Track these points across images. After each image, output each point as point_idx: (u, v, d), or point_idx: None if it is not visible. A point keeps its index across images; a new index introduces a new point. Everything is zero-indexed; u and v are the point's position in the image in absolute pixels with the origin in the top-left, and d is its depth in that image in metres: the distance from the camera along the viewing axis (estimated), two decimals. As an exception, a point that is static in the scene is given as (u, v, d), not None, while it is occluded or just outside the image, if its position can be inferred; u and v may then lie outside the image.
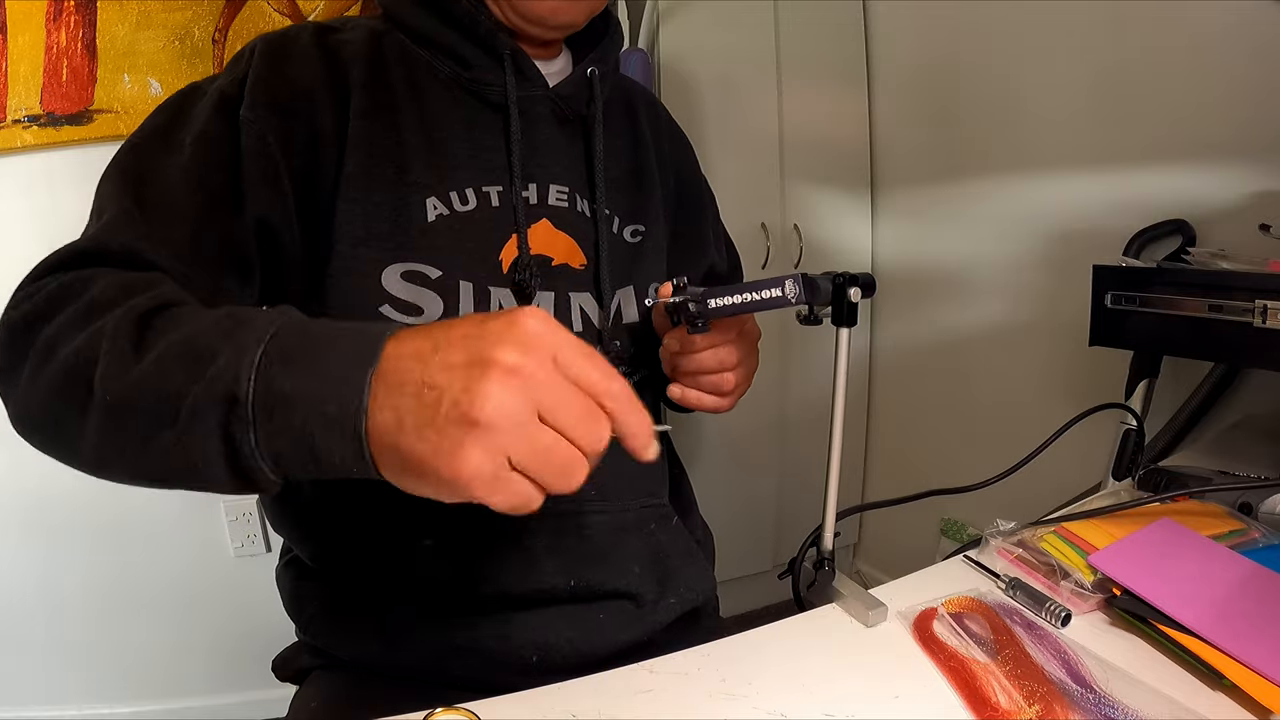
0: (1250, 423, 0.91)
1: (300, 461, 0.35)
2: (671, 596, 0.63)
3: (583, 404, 0.34)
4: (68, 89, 1.19)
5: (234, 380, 0.34)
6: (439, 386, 0.32)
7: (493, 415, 0.31)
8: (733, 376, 0.58)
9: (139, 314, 0.39)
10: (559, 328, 0.35)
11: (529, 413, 0.32)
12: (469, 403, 0.31)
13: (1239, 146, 1.00)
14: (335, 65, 0.56)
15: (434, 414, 0.32)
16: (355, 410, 0.33)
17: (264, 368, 0.34)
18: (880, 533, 1.83)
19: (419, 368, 0.33)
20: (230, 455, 0.35)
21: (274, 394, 0.34)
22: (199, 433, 0.35)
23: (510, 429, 0.32)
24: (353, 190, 0.53)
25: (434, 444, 0.32)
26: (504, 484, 0.33)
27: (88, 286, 0.41)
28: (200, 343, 0.36)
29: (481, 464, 0.32)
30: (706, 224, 0.79)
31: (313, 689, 0.62)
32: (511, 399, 0.32)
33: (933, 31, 1.51)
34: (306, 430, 0.34)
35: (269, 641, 0.68)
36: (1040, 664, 0.47)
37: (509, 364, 0.32)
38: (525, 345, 0.33)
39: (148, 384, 0.36)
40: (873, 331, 1.75)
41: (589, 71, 0.62)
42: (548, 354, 0.33)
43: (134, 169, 0.49)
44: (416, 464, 0.33)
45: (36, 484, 1.30)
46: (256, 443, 0.34)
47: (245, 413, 0.34)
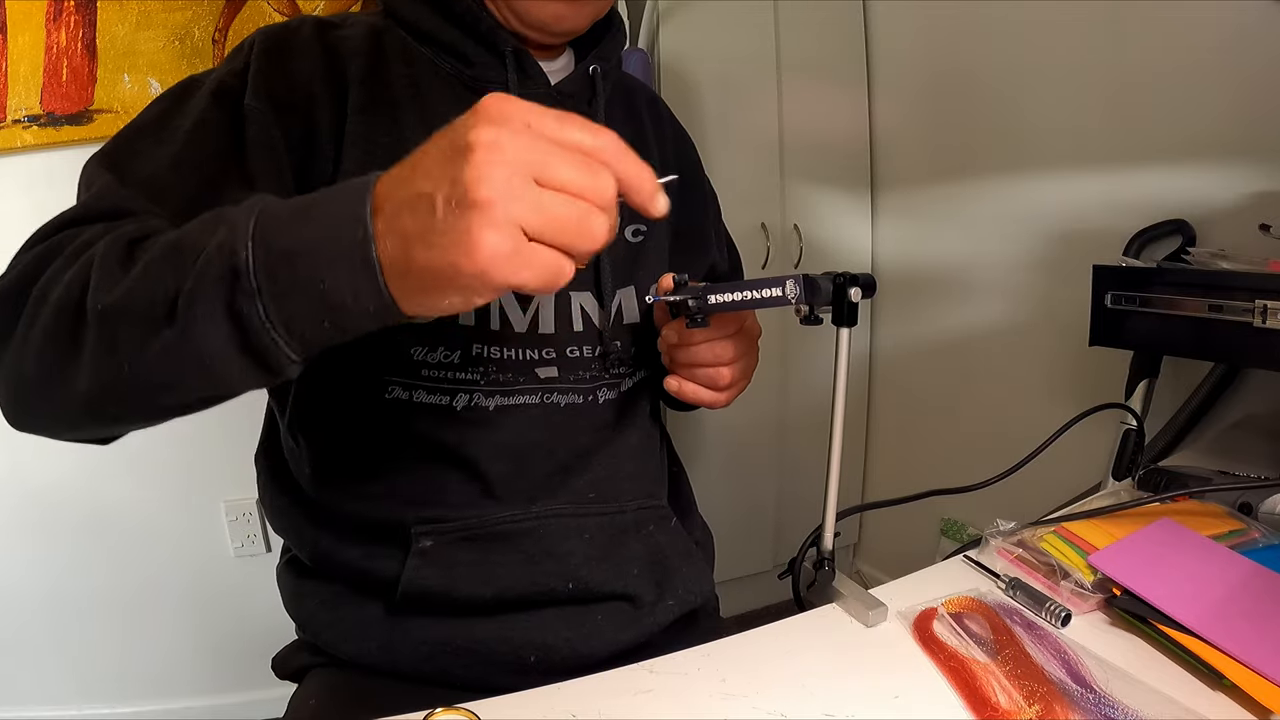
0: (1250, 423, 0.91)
1: (314, 317, 0.33)
2: (670, 598, 0.63)
3: (575, 159, 0.32)
4: (68, 89, 1.19)
5: (230, 253, 0.33)
6: (427, 191, 0.31)
7: (488, 190, 0.30)
8: (728, 372, 0.58)
9: (127, 240, 0.38)
10: (525, 102, 0.33)
11: (523, 177, 0.31)
12: (461, 189, 0.30)
13: (1239, 146, 1.00)
14: (334, 61, 0.55)
15: (432, 217, 0.31)
16: (361, 238, 0.32)
17: (259, 234, 0.33)
18: (880, 533, 1.83)
19: (403, 187, 0.32)
20: (240, 336, 0.34)
21: (274, 255, 0.33)
22: (202, 319, 0.33)
23: (511, 197, 0.30)
24: None
25: (443, 243, 0.31)
26: (527, 257, 0.31)
27: (75, 238, 0.40)
28: (187, 240, 0.36)
29: (497, 242, 0.30)
30: (708, 223, 0.79)
31: (312, 687, 0.62)
32: (500, 169, 0.30)
33: (933, 31, 1.51)
34: (315, 277, 0.32)
35: (269, 641, 0.68)
36: (1040, 664, 0.47)
37: (486, 140, 0.31)
38: (496, 120, 0.31)
39: (139, 288, 0.35)
40: (873, 331, 1.75)
41: (591, 69, 0.62)
42: (522, 123, 0.32)
43: (124, 156, 0.48)
44: (434, 273, 0.32)
45: (37, 484, 1.30)
46: (265, 311, 0.33)
47: (248, 283, 0.33)
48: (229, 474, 1.35)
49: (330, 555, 0.60)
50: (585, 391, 0.61)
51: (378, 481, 0.58)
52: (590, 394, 0.61)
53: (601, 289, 0.61)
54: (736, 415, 1.10)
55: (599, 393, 0.62)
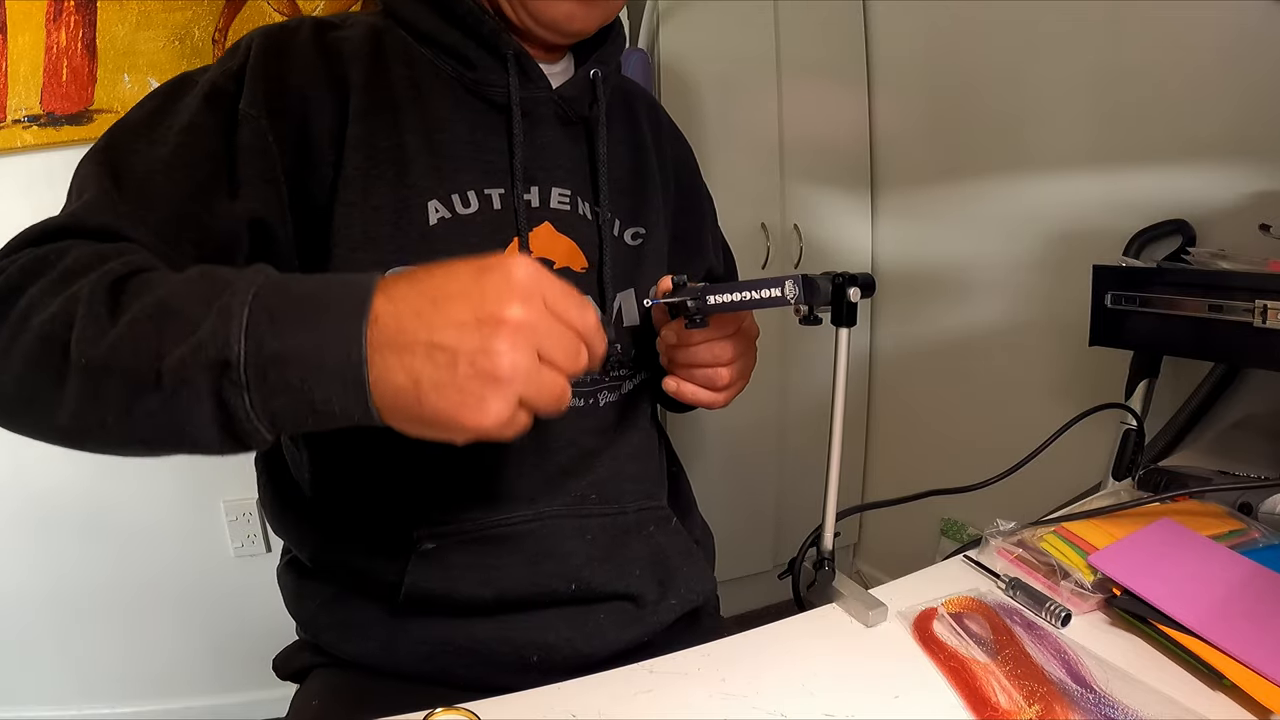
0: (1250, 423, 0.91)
1: (298, 418, 0.35)
2: (672, 597, 0.63)
3: (570, 339, 0.38)
4: (68, 89, 1.19)
5: (224, 345, 0.34)
6: (451, 348, 0.34)
7: (511, 369, 0.35)
8: (726, 372, 0.58)
9: (113, 279, 0.38)
10: (543, 272, 0.38)
11: (534, 358, 0.36)
12: (490, 361, 0.34)
13: (1239, 146, 1.00)
14: (334, 64, 0.55)
15: (452, 373, 0.34)
16: (356, 361, 0.34)
17: (252, 330, 0.34)
18: (880, 533, 1.83)
19: (423, 328, 0.35)
20: (224, 419, 0.35)
21: (266, 355, 0.34)
22: (188, 399, 0.34)
23: (523, 377, 0.35)
24: (351, 194, 0.53)
25: (457, 401, 0.35)
26: (514, 422, 0.37)
27: (62, 257, 0.40)
28: (176, 305, 0.36)
29: (501, 412, 0.35)
30: (705, 228, 0.79)
31: (313, 687, 0.62)
32: (524, 352, 0.35)
33: (933, 31, 1.51)
34: (305, 387, 0.34)
35: (269, 641, 0.68)
36: (1040, 664, 0.47)
37: (516, 321, 0.35)
38: (524, 297, 0.36)
39: (124, 347, 0.35)
40: (873, 331, 1.75)
41: (591, 74, 0.62)
42: (541, 300, 0.37)
43: (116, 155, 0.48)
44: (436, 418, 0.35)
45: (37, 484, 1.30)
46: (251, 405, 0.34)
47: (238, 376, 0.34)
48: (229, 474, 1.35)
49: (331, 557, 0.60)
50: (586, 395, 0.61)
51: (378, 485, 0.58)
52: (591, 397, 0.61)
53: (602, 292, 0.61)
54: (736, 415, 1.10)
55: (600, 395, 0.62)
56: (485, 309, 0.35)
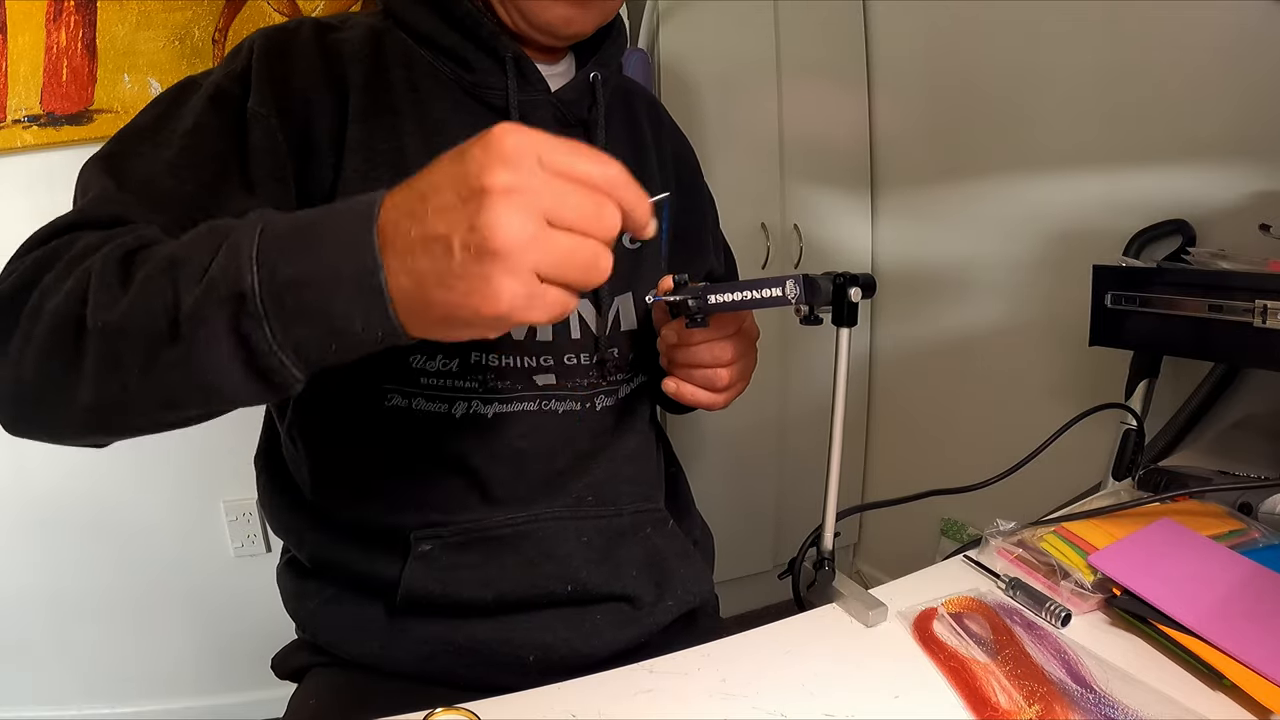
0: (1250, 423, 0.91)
1: (321, 341, 0.34)
2: (669, 599, 0.63)
3: (584, 196, 0.34)
4: (68, 89, 1.19)
5: (236, 278, 0.33)
6: (442, 234, 0.32)
7: (506, 239, 0.31)
8: (726, 373, 0.57)
9: (124, 251, 0.38)
10: (534, 132, 0.34)
11: (539, 223, 0.32)
12: (480, 237, 0.31)
13: (1239, 146, 1.00)
14: (334, 65, 0.55)
15: (449, 260, 0.32)
16: (371, 268, 0.33)
17: (264, 258, 0.33)
18: (880, 533, 1.83)
19: (415, 224, 0.33)
20: (246, 356, 0.34)
21: (280, 280, 0.33)
22: (207, 340, 0.34)
23: (528, 245, 0.32)
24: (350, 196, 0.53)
25: (462, 289, 0.32)
26: (539, 300, 0.33)
27: (71, 246, 0.40)
28: (184, 254, 0.36)
29: (515, 290, 0.32)
30: (706, 229, 0.79)
31: (312, 687, 0.62)
32: (518, 217, 0.31)
33: (933, 31, 1.51)
34: (324, 304, 0.33)
35: (269, 641, 0.68)
36: (1040, 664, 0.47)
37: (502, 185, 0.31)
38: (509, 161, 0.32)
39: (138, 305, 0.35)
40: (873, 331, 1.75)
41: (591, 76, 0.62)
42: (534, 161, 0.33)
43: (121, 159, 0.48)
44: (450, 313, 0.33)
45: (38, 485, 1.30)
46: (273, 334, 0.33)
47: (255, 307, 0.33)
48: (229, 474, 1.35)
49: (330, 558, 0.60)
50: (583, 399, 0.61)
51: (377, 487, 0.58)
52: (588, 401, 0.61)
53: (599, 296, 0.61)
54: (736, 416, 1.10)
55: (597, 399, 0.62)
56: (468, 184, 0.32)
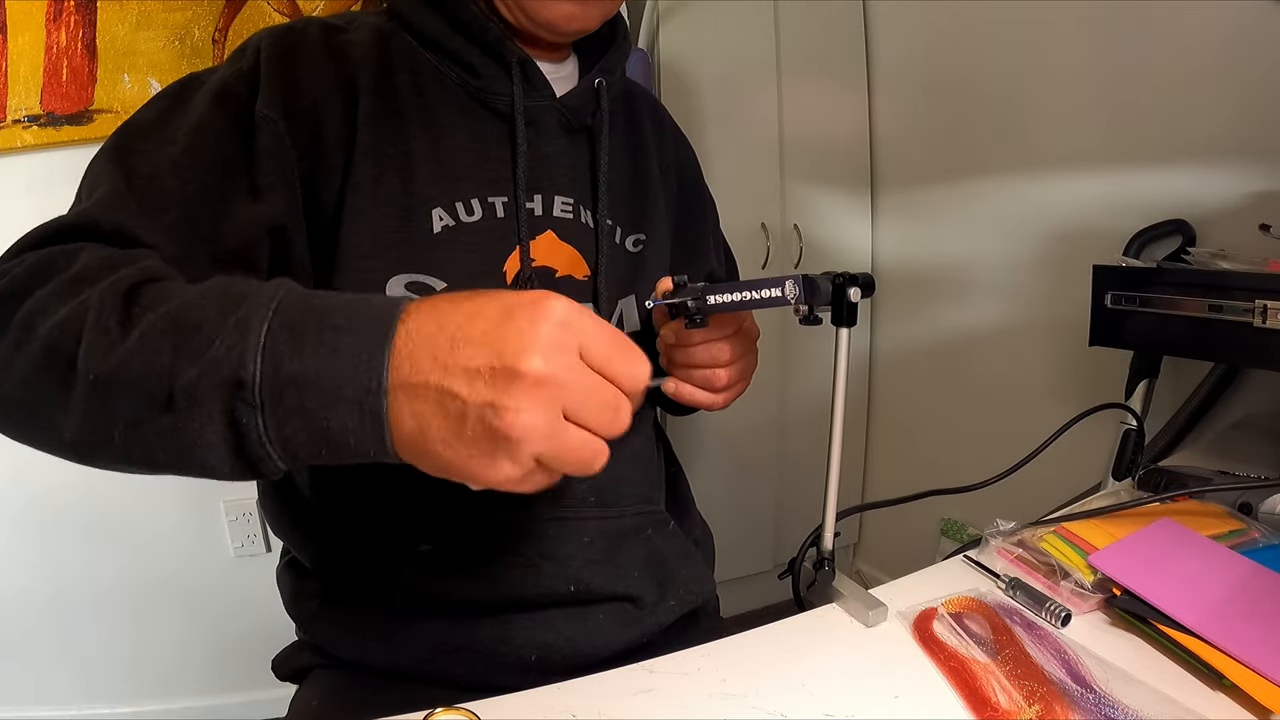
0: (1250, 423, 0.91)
1: (312, 446, 0.33)
2: (671, 599, 0.63)
3: (607, 399, 0.34)
4: (68, 89, 1.19)
5: (239, 363, 0.32)
6: (462, 397, 0.31)
7: (522, 431, 0.31)
8: (725, 374, 0.57)
9: (126, 287, 0.36)
10: (583, 314, 0.34)
11: (557, 418, 0.32)
12: (497, 420, 0.31)
13: (1239, 146, 1.00)
14: (344, 68, 0.54)
15: (460, 426, 0.32)
16: (375, 391, 0.32)
17: (270, 348, 0.33)
18: (880, 533, 1.83)
19: (436, 371, 0.32)
20: (236, 441, 0.33)
21: (283, 377, 0.32)
22: (199, 418, 0.33)
23: (539, 440, 0.32)
24: (359, 200, 0.52)
25: (464, 455, 0.32)
26: (530, 480, 0.34)
27: (72, 260, 0.38)
28: (191, 318, 0.34)
29: (512, 472, 0.33)
30: (707, 231, 0.79)
31: (312, 688, 0.62)
32: (540, 413, 0.31)
33: (933, 31, 1.51)
34: (320, 414, 0.32)
35: (269, 641, 0.68)
36: (1040, 664, 0.47)
37: (536, 375, 0.31)
38: (550, 349, 0.32)
39: (135, 362, 0.34)
40: (873, 331, 1.75)
41: (596, 83, 0.61)
42: (574, 350, 0.33)
43: (125, 155, 0.47)
44: (443, 466, 0.33)
45: (38, 484, 1.30)
46: (265, 428, 0.33)
47: (252, 397, 0.32)
48: (229, 474, 1.35)
49: (331, 558, 0.60)
50: None
51: (378, 490, 0.58)
52: None
53: (598, 301, 0.61)
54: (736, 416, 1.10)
55: None
56: (503, 359, 0.31)
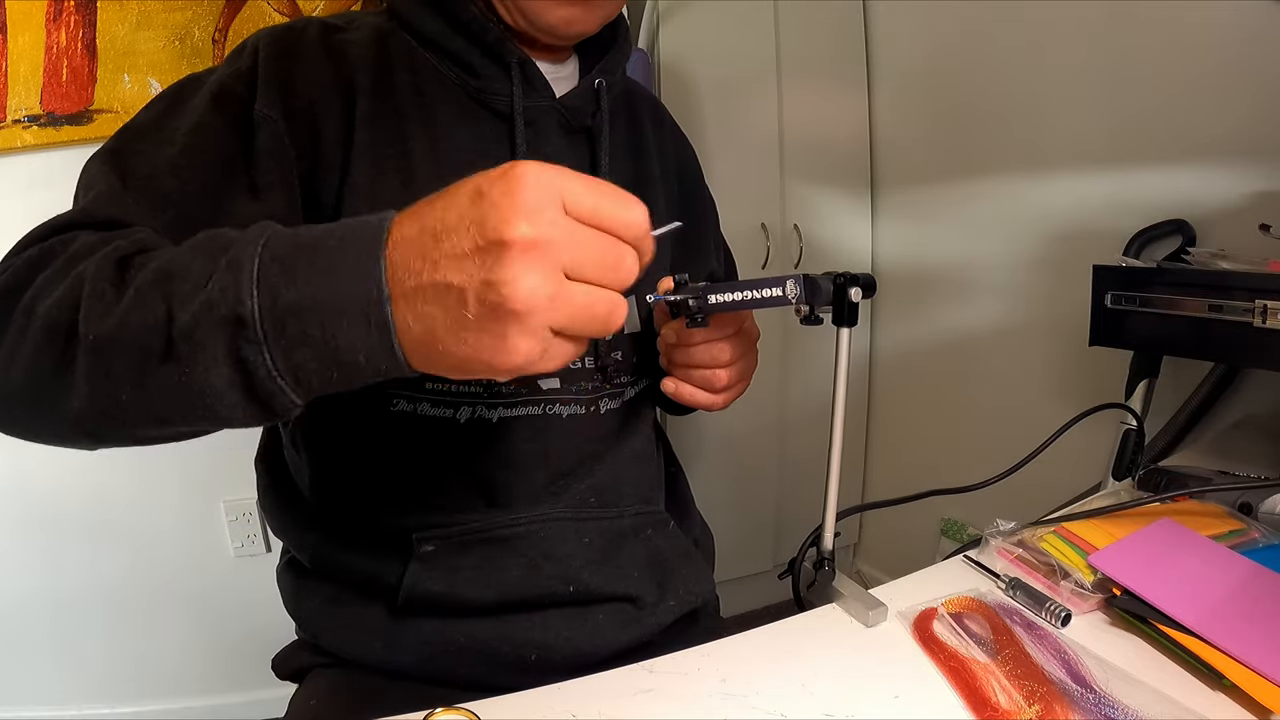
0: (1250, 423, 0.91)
1: (323, 372, 0.33)
2: (671, 599, 0.63)
3: (605, 247, 0.33)
4: (68, 89, 1.19)
5: (235, 300, 0.32)
6: (457, 285, 0.31)
7: (526, 300, 0.30)
8: (725, 374, 0.57)
9: (119, 256, 0.36)
10: (558, 172, 0.32)
11: (558, 279, 0.31)
12: (498, 295, 0.30)
13: (1239, 146, 1.00)
14: (342, 68, 0.54)
15: (462, 314, 0.31)
16: (376, 299, 0.32)
17: (264, 281, 0.32)
18: (880, 533, 1.83)
19: (427, 267, 0.31)
20: (245, 381, 0.33)
21: (282, 305, 0.32)
22: (204, 362, 0.32)
23: (546, 305, 0.31)
24: (357, 201, 0.52)
25: (474, 343, 0.31)
26: (552, 353, 0.33)
27: (67, 246, 0.39)
28: (180, 265, 0.34)
29: (530, 348, 0.31)
30: (708, 231, 0.79)
31: (312, 687, 0.62)
32: (537, 275, 0.30)
33: (933, 31, 1.51)
34: (326, 334, 0.32)
35: (269, 641, 0.68)
36: (1040, 664, 0.47)
37: (523, 239, 0.30)
38: (531, 209, 0.30)
39: (131, 318, 0.33)
40: (873, 331, 1.75)
41: (596, 83, 0.61)
42: (557, 207, 0.31)
43: (123, 156, 0.47)
44: (460, 363, 0.32)
45: (38, 484, 1.30)
46: (273, 360, 0.32)
47: (255, 333, 0.32)
48: (229, 474, 1.35)
49: (331, 558, 0.60)
50: (587, 402, 0.61)
51: (379, 490, 0.58)
52: (592, 404, 0.61)
53: None
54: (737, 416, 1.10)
55: (600, 403, 0.62)
56: (485, 234, 0.30)
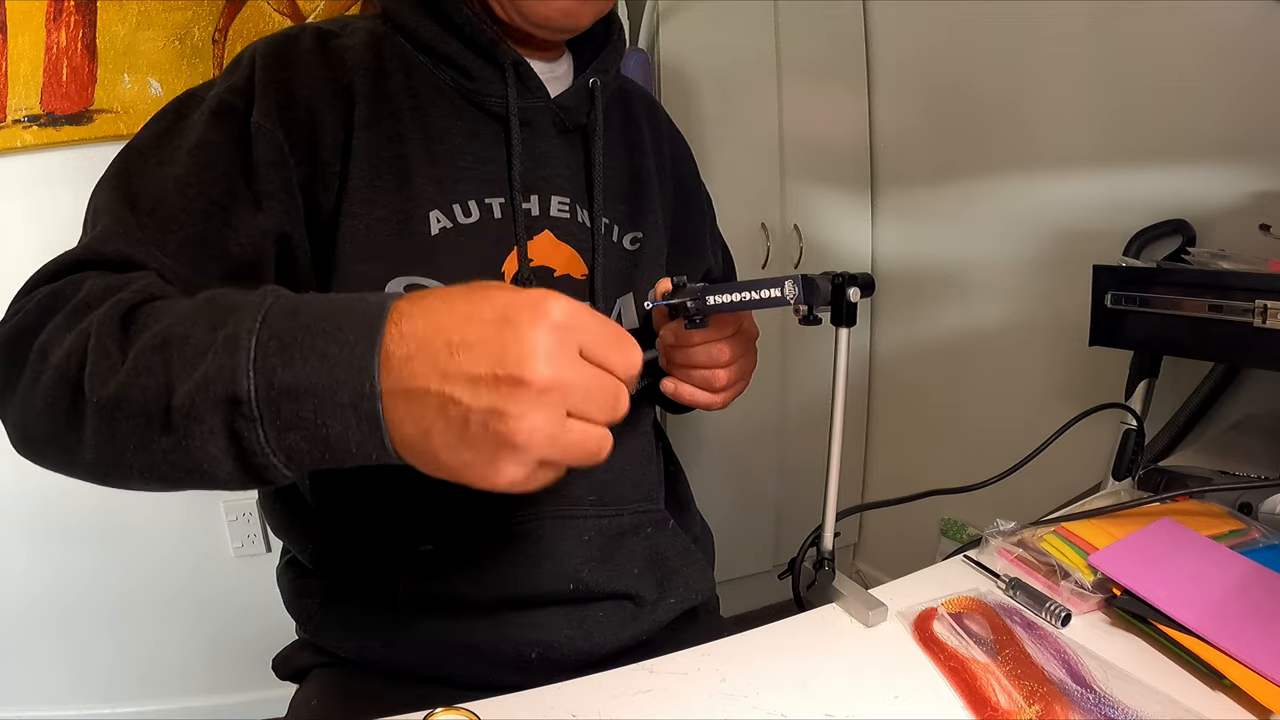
0: (1250, 423, 0.91)
1: (314, 453, 0.33)
2: (671, 597, 0.63)
3: (607, 388, 0.34)
4: (68, 89, 1.19)
5: (232, 379, 0.33)
6: (464, 404, 0.31)
7: (528, 436, 0.31)
8: (724, 374, 0.57)
9: (123, 310, 0.37)
10: (580, 314, 0.34)
11: (561, 420, 0.32)
12: (503, 426, 0.31)
13: (1239, 146, 1.00)
14: (339, 74, 0.54)
15: (463, 431, 0.32)
16: (368, 394, 0.32)
17: (261, 361, 0.33)
18: (880, 533, 1.83)
19: (436, 377, 0.32)
20: (239, 454, 0.34)
21: (277, 389, 0.33)
22: (201, 435, 0.33)
23: (545, 441, 0.32)
24: (356, 204, 0.53)
25: (466, 459, 0.32)
26: (535, 478, 0.34)
27: (76, 290, 0.40)
28: (180, 333, 0.35)
29: (516, 475, 0.32)
30: (704, 228, 0.79)
31: (312, 687, 0.62)
32: (544, 417, 0.31)
33: (933, 31, 1.51)
34: (318, 420, 0.33)
35: (269, 641, 0.68)
36: (1040, 664, 0.47)
37: (542, 382, 0.31)
38: (553, 353, 0.32)
39: (132, 384, 0.34)
40: (873, 331, 1.75)
41: (591, 83, 0.61)
42: (575, 351, 0.33)
43: (128, 179, 0.48)
44: (446, 470, 0.33)
45: (38, 486, 1.30)
46: (266, 439, 0.33)
47: (250, 410, 0.33)
48: (229, 474, 1.35)
49: (331, 558, 0.60)
50: None
51: (379, 489, 0.58)
52: None
53: (596, 299, 0.61)
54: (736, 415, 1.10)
55: None
56: (505, 366, 0.31)
